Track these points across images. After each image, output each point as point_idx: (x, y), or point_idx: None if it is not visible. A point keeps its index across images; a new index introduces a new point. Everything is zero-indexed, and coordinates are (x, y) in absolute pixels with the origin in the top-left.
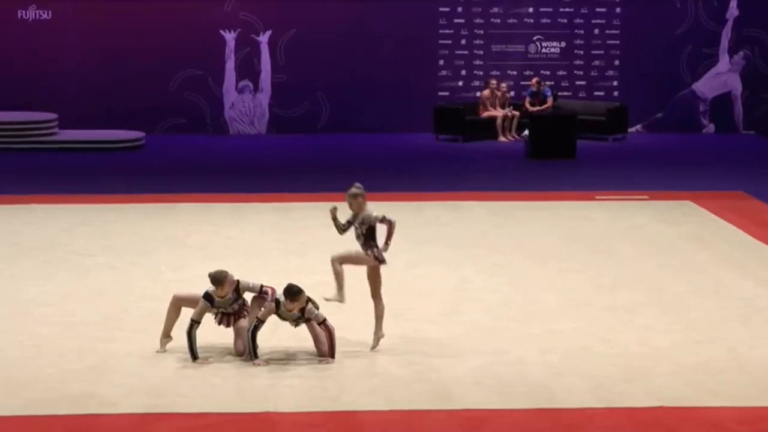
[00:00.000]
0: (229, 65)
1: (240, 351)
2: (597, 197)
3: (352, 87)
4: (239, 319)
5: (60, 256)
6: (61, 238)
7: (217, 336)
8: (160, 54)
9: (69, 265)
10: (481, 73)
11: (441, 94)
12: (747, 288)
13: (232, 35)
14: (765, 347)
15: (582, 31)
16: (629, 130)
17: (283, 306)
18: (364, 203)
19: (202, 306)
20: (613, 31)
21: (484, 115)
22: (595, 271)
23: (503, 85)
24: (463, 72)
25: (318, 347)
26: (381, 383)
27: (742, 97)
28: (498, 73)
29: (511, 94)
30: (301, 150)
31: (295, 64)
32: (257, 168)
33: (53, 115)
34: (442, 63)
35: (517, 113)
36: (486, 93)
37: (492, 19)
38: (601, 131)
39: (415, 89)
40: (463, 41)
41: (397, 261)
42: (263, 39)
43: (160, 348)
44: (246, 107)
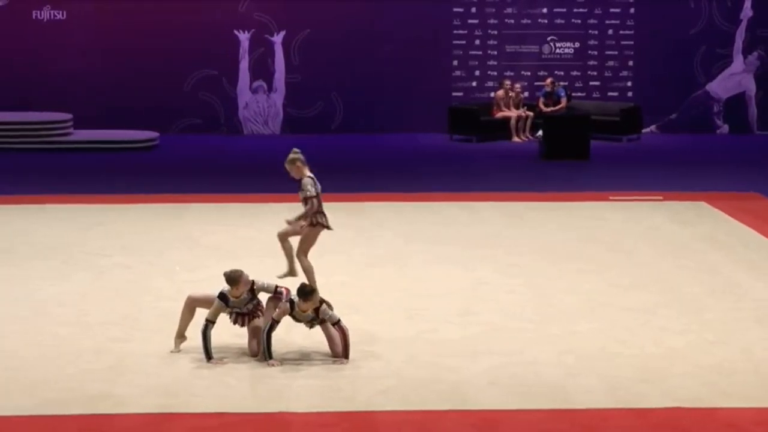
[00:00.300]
0: (243, 65)
1: (254, 351)
2: (611, 198)
3: (366, 87)
4: (254, 319)
5: (76, 257)
6: (76, 238)
7: (231, 336)
8: (175, 54)
9: (85, 265)
10: (495, 73)
11: (455, 94)
12: (761, 289)
13: (246, 35)
14: None
15: (596, 32)
16: (643, 131)
17: (297, 306)
18: (303, 168)
19: (217, 306)
20: (627, 31)
21: (498, 115)
22: (610, 271)
23: (517, 85)
24: (477, 72)
25: (332, 348)
26: (396, 383)
27: (757, 98)
28: (512, 74)
29: (525, 94)
30: (315, 150)
31: (309, 65)
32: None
33: (68, 116)
34: (456, 63)
35: (531, 114)
36: (500, 93)
37: (506, 20)
38: (615, 132)
39: (429, 90)
40: (477, 41)
41: (412, 261)
42: (277, 39)
43: (175, 348)
44: (260, 107)
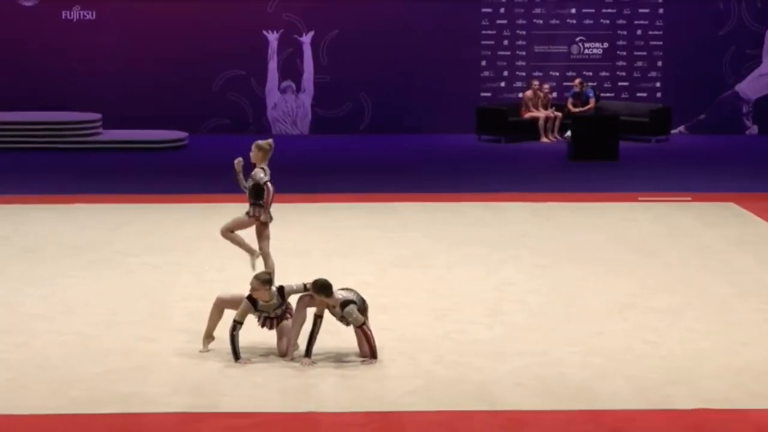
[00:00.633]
0: (272, 66)
1: (283, 351)
2: (640, 199)
3: (395, 88)
4: (283, 320)
5: (104, 256)
6: (104, 238)
7: (259, 337)
8: (204, 54)
9: (113, 264)
10: (523, 73)
11: (483, 94)
12: None
13: (275, 36)
14: None
15: (625, 32)
16: (672, 132)
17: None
18: (262, 159)
19: (245, 307)
20: (656, 31)
21: (527, 116)
22: (638, 272)
23: (546, 86)
24: (505, 73)
25: (361, 348)
26: (423, 383)
27: None
28: (540, 74)
29: (554, 95)
30: (343, 151)
31: (338, 65)
32: (300, 168)
33: (97, 116)
34: (484, 64)
35: (559, 114)
36: (528, 94)
37: (534, 20)
38: (643, 132)
39: (457, 90)
40: (505, 42)
41: (439, 261)
42: (306, 39)
43: (203, 348)
44: (288, 108)
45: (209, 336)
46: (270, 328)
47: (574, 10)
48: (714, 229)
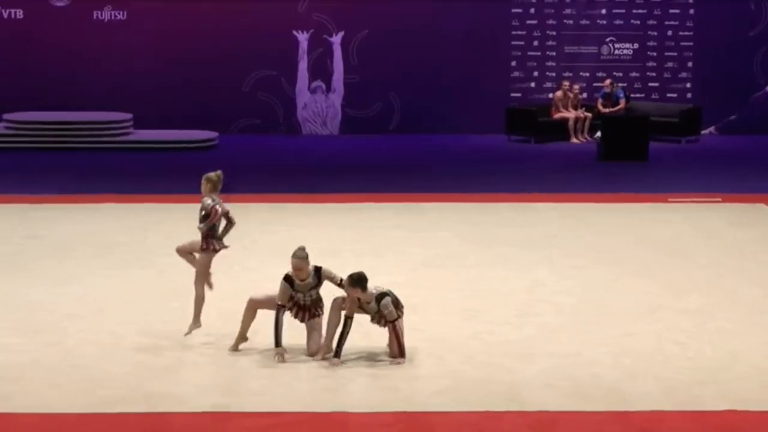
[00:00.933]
0: (302, 66)
1: (312, 351)
2: (670, 199)
3: (424, 88)
4: (314, 318)
5: (135, 256)
6: (135, 237)
7: (291, 337)
8: (234, 54)
9: (144, 264)
10: (553, 74)
11: (513, 95)
12: None
13: (305, 36)
14: None
15: (655, 33)
16: (702, 132)
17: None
18: (211, 191)
19: (283, 288)
20: (686, 32)
21: (556, 116)
22: (668, 273)
23: (576, 86)
24: (535, 73)
25: (390, 347)
26: (453, 384)
27: None
28: (570, 75)
29: (584, 95)
30: (373, 151)
31: (368, 65)
32: (329, 168)
33: (128, 115)
34: (514, 64)
35: (589, 114)
36: (558, 94)
37: (565, 20)
38: (674, 133)
39: (487, 90)
40: (535, 42)
41: (468, 262)
42: (336, 40)
43: (233, 348)
44: (318, 108)
45: (242, 337)
46: (301, 321)
47: (604, 11)
48: (744, 230)
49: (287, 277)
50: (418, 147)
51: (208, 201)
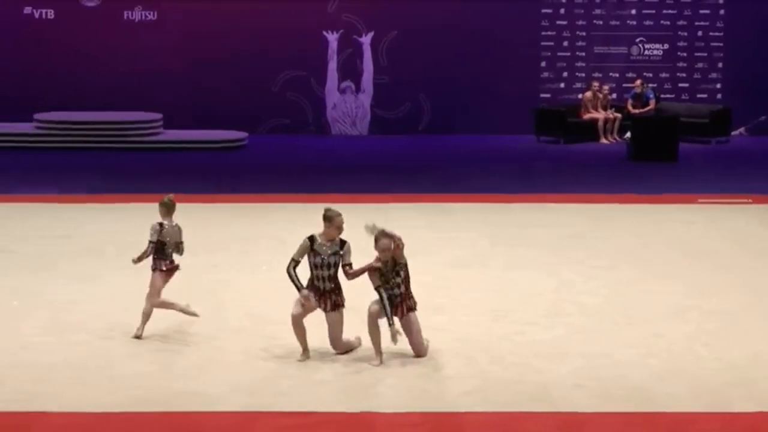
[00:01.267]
0: (332, 66)
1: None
2: (699, 200)
3: (454, 88)
4: (335, 308)
5: None
6: None
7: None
8: (264, 55)
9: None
10: (583, 74)
11: (543, 95)
12: None
13: (335, 36)
14: None
15: (685, 33)
16: (732, 133)
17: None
18: (164, 215)
19: (303, 244)
20: (716, 32)
21: (586, 117)
22: (698, 274)
23: (605, 87)
24: (565, 74)
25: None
26: (481, 384)
27: None
28: (600, 75)
29: (613, 96)
30: (402, 151)
31: (397, 66)
32: (358, 168)
33: (158, 115)
34: (544, 64)
35: (618, 115)
36: (588, 95)
37: (594, 21)
38: (703, 134)
39: (516, 91)
40: (565, 43)
41: (496, 262)
42: (365, 40)
43: (301, 358)
44: (348, 108)
45: (306, 350)
46: (324, 309)
47: (634, 11)
48: None
49: (311, 237)
50: (447, 147)
51: (152, 229)
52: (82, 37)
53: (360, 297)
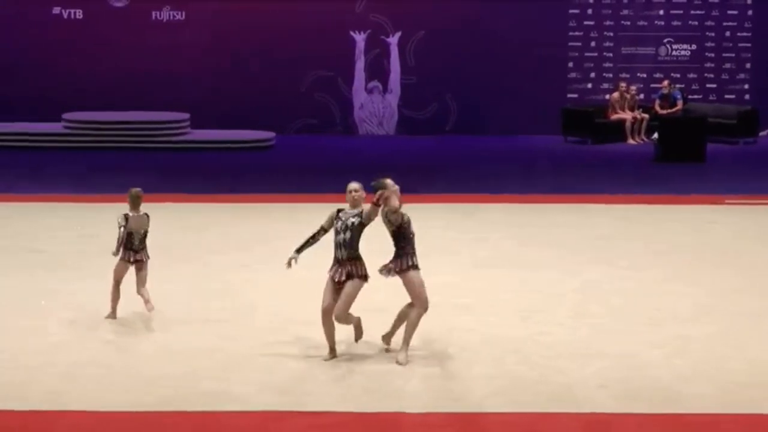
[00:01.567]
0: (359, 66)
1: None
2: (726, 201)
3: (481, 89)
4: (349, 279)
5: (191, 255)
6: (191, 237)
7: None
8: (291, 55)
9: (199, 263)
10: (610, 75)
11: (570, 96)
12: None
13: (362, 36)
14: None
15: (713, 34)
16: (760, 134)
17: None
18: (132, 207)
19: (330, 214)
20: (744, 33)
21: (613, 117)
22: (724, 275)
23: (633, 87)
24: (592, 74)
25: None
26: (506, 384)
27: None
28: (627, 76)
29: (641, 96)
30: (428, 151)
31: (424, 66)
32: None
33: (185, 115)
34: (571, 65)
35: (646, 116)
36: (615, 95)
37: (622, 21)
38: (731, 134)
39: (543, 91)
40: (592, 43)
41: (522, 263)
42: (393, 40)
43: (327, 357)
44: (375, 108)
45: (332, 349)
46: (338, 282)
47: (661, 11)
48: None
49: (339, 209)
50: (473, 148)
51: (118, 218)
52: (111, 38)
53: (392, 298)
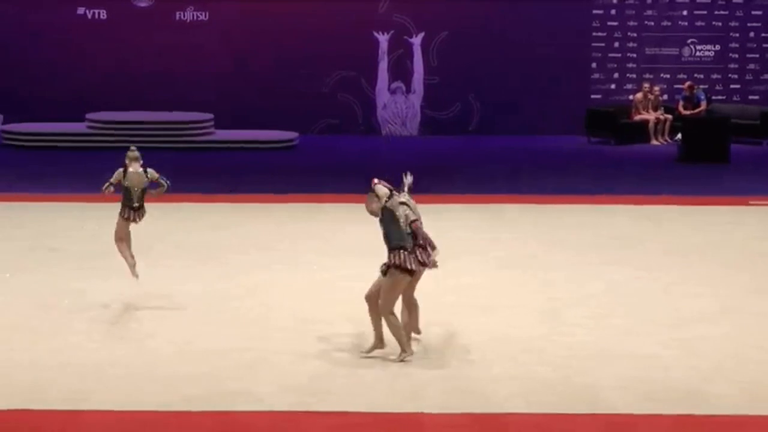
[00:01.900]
0: (382, 67)
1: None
2: (750, 202)
3: (504, 89)
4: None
5: (213, 255)
6: (213, 237)
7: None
8: (314, 55)
9: (222, 263)
10: (634, 76)
11: (593, 96)
12: None
13: (386, 37)
14: None
15: (737, 34)
16: None
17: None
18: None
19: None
20: None
21: (637, 118)
22: (747, 276)
23: (656, 88)
24: (615, 75)
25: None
26: (527, 385)
27: None
28: (651, 76)
29: (664, 97)
30: (452, 152)
31: (448, 66)
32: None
33: (209, 115)
34: (594, 66)
35: (669, 116)
36: (639, 96)
37: (646, 22)
38: (755, 135)
39: (567, 92)
40: (616, 44)
41: (545, 263)
42: (416, 41)
43: (366, 352)
44: (398, 108)
45: (379, 339)
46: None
47: (685, 12)
48: None
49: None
50: (497, 148)
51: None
52: (134, 38)
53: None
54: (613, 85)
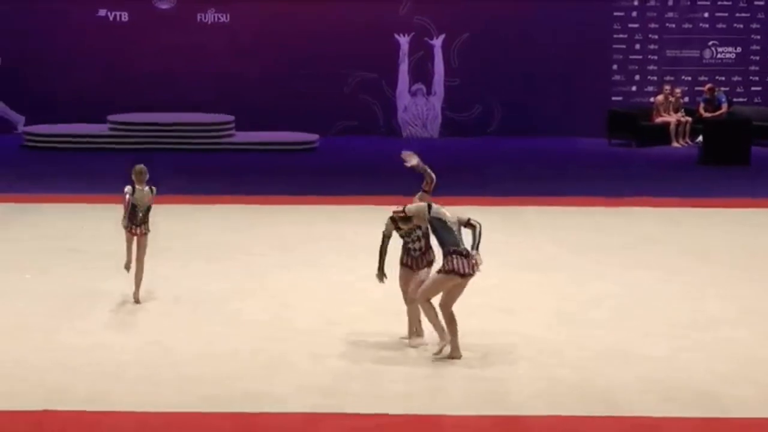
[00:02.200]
0: (403, 68)
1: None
2: None
3: (525, 91)
4: (425, 268)
5: (233, 256)
6: (234, 238)
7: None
8: (335, 57)
9: (242, 264)
10: (655, 78)
11: (614, 98)
12: None
13: (406, 39)
14: None
15: (758, 36)
16: None
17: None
18: (137, 182)
19: (389, 223)
20: None
21: (658, 120)
22: (766, 278)
23: (677, 90)
24: (636, 77)
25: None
26: (548, 387)
27: None
28: (672, 79)
29: (685, 99)
30: (472, 153)
31: (468, 68)
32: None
33: (230, 117)
34: (615, 68)
35: (689, 119)
36: (660, 98)
37: (667, 24)
38: None
39: (588, 94)
40: (637, 46)
41: (565, 266)
42: (437, 43)
43: (411, 344)
44: (419, 110)
45: (420, 333)
46: (412, 268)
47: (706, 14)
48: None
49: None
50: (517, 150)
51: (127, 188)
52: (156, 40)
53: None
54: (634, 87)
